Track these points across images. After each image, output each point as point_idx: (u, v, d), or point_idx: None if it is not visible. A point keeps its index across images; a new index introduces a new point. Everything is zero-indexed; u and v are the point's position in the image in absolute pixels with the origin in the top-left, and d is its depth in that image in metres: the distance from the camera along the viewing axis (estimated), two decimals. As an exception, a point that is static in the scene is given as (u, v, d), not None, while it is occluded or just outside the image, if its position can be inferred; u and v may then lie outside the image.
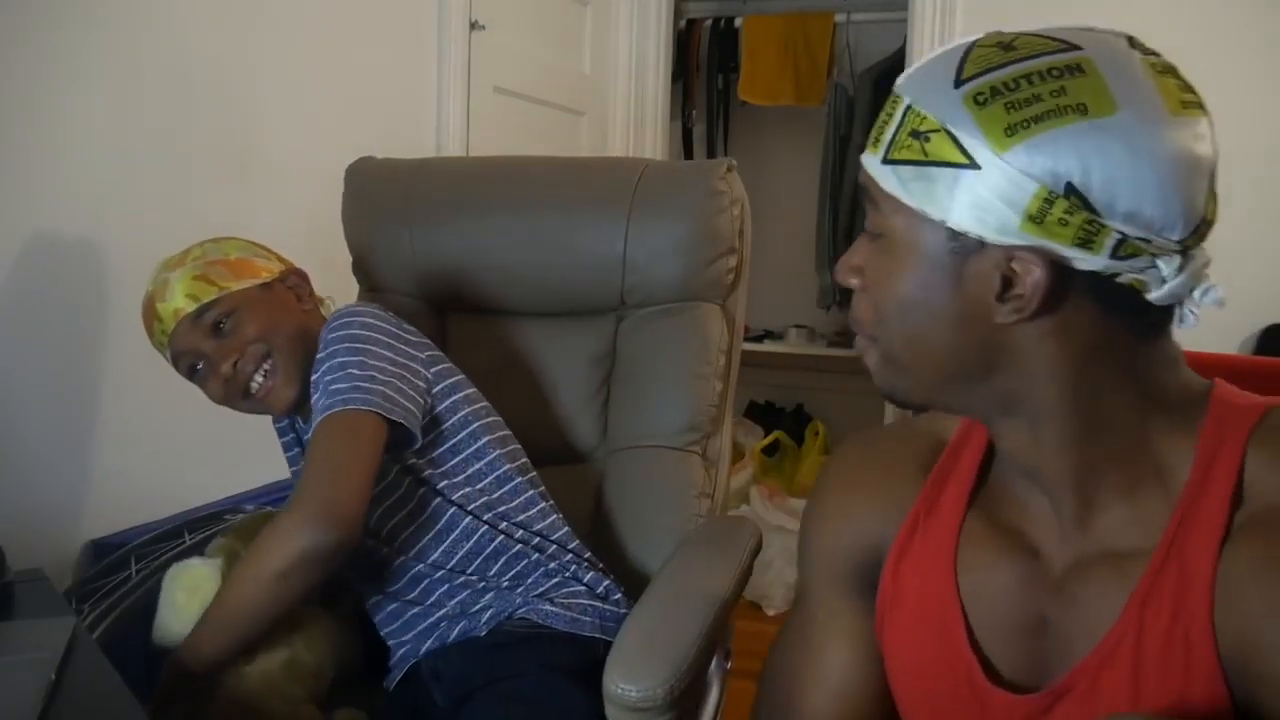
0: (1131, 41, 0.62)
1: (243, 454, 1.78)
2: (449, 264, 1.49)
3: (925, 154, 0.61)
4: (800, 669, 0.82)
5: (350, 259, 1.62)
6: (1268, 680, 0.59)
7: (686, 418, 1.40)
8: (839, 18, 3.39)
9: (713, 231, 1.41)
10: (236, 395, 1.19)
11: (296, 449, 1.36)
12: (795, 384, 3.79)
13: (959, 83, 0.61)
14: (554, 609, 1.17)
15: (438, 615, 1.20)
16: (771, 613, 2.78)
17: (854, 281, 0.69)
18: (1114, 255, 0.59)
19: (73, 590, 1.30)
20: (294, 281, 1.27)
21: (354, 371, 1.12)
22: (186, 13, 1.69)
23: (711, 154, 3.60)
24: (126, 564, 1.25)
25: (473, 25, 2.39)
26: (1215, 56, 2.42)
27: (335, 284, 1.60)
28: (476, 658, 1.14)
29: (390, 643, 1.24)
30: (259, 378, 1.19)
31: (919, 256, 0.64)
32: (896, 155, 0.63)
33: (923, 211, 0.62)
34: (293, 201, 1.84)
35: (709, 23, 3.58)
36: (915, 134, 0.62)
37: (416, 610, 1.21)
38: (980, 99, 0.60)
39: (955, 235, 0.61)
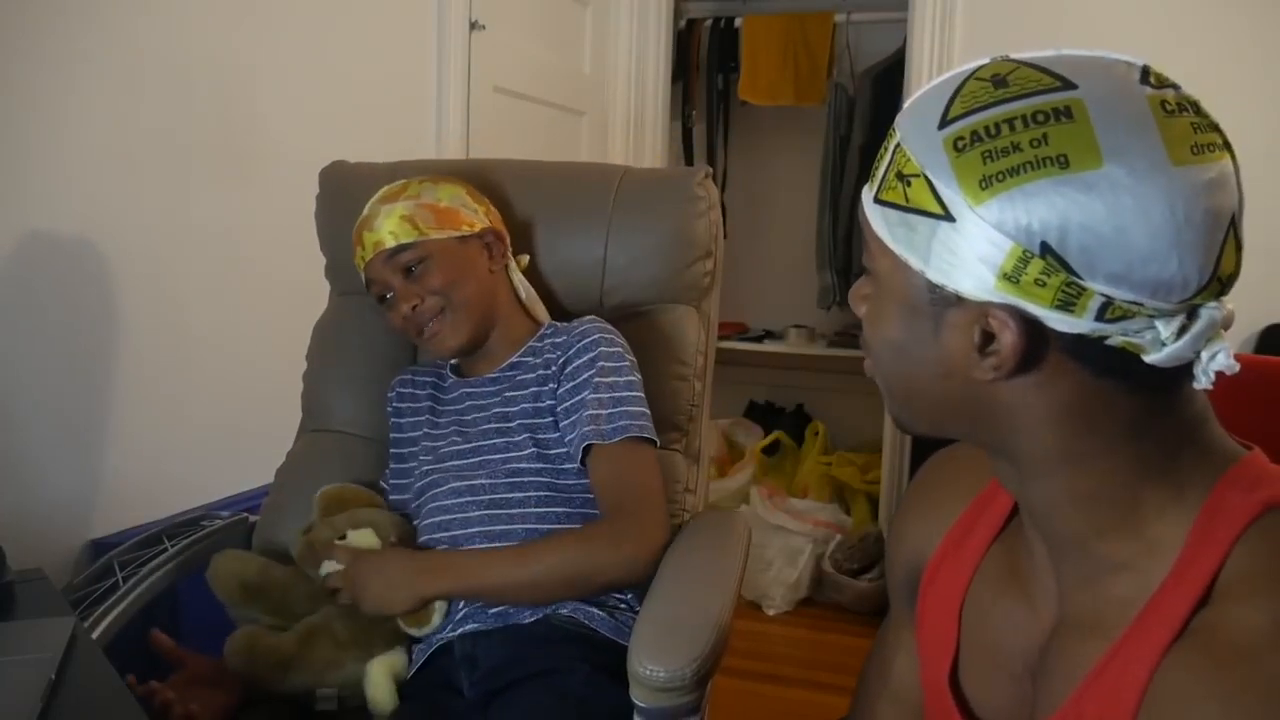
0: (1146, 74, 0.56)
1: (243, 455, 1.79)
2: None
3: (907, 199, 0.58)
4: (873, 668, 0.87)
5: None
6: None
7: (667, 417, 1.40)
8: (839, 18, 3.39)
9: (690, 236, 1.43)
10: (412, 332, 1.29)
11: (424, 412, 1.37)
12: (795, 384, 3.79)
13: (944, 123, 0.57)
14: (600, 613, 1.17)
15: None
16: (771, 613, 2.74)
17: (863, 310, 0.67)
18: (1100, 318, 0.55)
19: (64, 596, 1.30)
20: (490, 239, 1.33)
21: (639, 396, 1.25)
22: (186, 12, 1.69)
23: (711, 154, 3.59)
24: (111, 571, 1.25)
25: (473, 25, 2.39)
26: (1214, 55, 2.43)
27: (335, 284, 1.60)
28: (520, 647, 1.14)
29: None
30: (432, 324, 1.28)
31: (903, 302, 0.61)
32: (884, 196, 0.60)
33: (904, 258, 0.59)
34: (292, 201, 1.83)
35: (709, 23, 3.57)
36: (900, 176, 0.59)
37: None
38: (960, 145, 0.56)
39: (934, 286, 0.59)
